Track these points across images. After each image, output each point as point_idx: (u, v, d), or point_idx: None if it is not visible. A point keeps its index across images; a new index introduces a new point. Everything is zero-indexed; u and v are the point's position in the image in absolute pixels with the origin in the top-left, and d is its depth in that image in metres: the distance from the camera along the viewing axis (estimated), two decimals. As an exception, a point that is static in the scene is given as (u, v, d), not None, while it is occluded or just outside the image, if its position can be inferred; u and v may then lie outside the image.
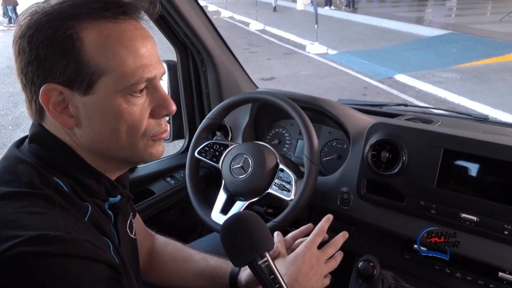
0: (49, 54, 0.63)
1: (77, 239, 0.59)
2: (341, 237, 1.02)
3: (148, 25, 0.73)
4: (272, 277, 0.71)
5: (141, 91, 0.69)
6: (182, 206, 1.61)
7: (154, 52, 0.71)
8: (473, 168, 1.06)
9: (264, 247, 0.73)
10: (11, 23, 12.89)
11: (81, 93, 0.65)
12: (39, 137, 0.70)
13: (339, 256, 1.01)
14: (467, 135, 1.08)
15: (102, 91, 0.66)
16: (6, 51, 9.36)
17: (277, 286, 0.71)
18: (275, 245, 0.98)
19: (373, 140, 1.18)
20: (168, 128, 0.78)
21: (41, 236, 0.56)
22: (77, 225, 0.63)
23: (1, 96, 6.41)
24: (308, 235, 1.02)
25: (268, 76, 7.24)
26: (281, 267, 0.91)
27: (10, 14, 12.88)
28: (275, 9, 16.97)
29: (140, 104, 0.69)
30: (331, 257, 0.99)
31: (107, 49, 0.65)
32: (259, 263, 0.71)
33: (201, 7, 1.48)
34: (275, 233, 1.01)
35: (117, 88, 0.66)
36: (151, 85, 0.71)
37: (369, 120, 1.29)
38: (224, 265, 1.07)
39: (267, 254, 0.72)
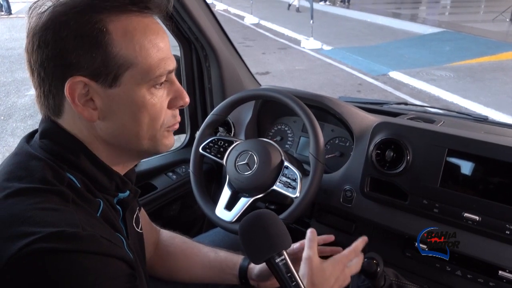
0: (76, 47, 0.63)
1: (93, 235, 0.59)
2: (361, 257, 1.02)
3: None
4: (289, 274, 0.72)
5: (162, 83, 0.71)
6: (183, 201, 1.61)
7: (169, 46, 0.73)
8: (476, 169, 1.07)
9: (281, 245, 0.74)
10: (2, 11, 12.69)
11: (107, 86, 0.66)
12: (51, 132, 0.70)
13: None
14: (471, 136, 1.10)
15: (128, 83, 0.67)
16: (-3, 40, 9.25)
17: (293, 284, 0.72)
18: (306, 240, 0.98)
19: (378, 139, 1.19)
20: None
21: (59, 233, 0.56)
22: (91, 221, 0.63)
23: (-7, 86, 6.34)
24: None
25: (263, 71, 7.23)
26: (315, 276, 0.90)
27: (1, 2, 12.68)
28: (297, 9, 14.80)
29: (160, 96, 0.71)
30: None
31: (134, 42, 0.66)
32: (277, 261, 0.73)
33: (206, 2, 1.47)
34: (308, 230, 0.99)
35: (143, 80, 0.68)
36: (169, 78, 0.73)
37: (372, 119, 1.31)
38: (234, 257, 1.09)
39: (284, 252, 0.74)
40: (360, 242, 1.02)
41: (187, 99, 0.76)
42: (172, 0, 0.76)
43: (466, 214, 1.06)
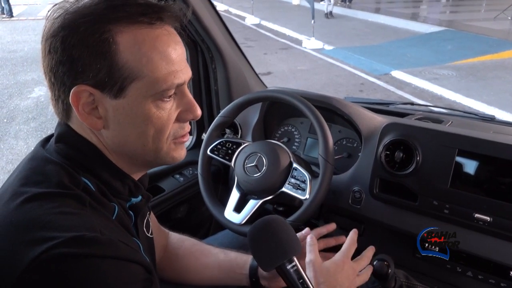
0: (83, 56, 0.63)
1: (112, 240, 0.60)
2: (370, 250, 1.06)
3: None
4: (301, 281, 0.72)
5: (170, 96, 0.70)
6: (191, 203, 1.61)
7: (184, 57, 0.72)
8: (486, 169, 1.07)
9: (292, 251, 0.74)
10: (3, 13, 12.71)
11: (112, 96, 0.66)
12: (66, 137, 0.70)
13: (369, 270, 1.02)
14: (481, 136, 1.09)
15: (133, 95, 0.66)
16: (-1, 43, 9.26)
17: None
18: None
19: (387, 140, 1.19)
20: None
21: (78, 238, 0.56)
22: (109, 225, 0.64)
23: (-5, 88, 6.34)
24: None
25: (265, 71, 7.22)
26: (319, 275, 0.92)
27: (3, 5, 12.70)
28: (329, 15, 13.02)
29: (168, 109, 0.70)
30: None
31: (142, 54, 0.65)
32: (288, 267, 0.73)
33: (212, 4, 1.47)
34: (308, 236, 1.02)
35: (149, 93, 0.67)
36: (179, 90, 0.72)
37: (381, 120, 1.30)
38: (244, 256, 1.09)
39: (295, 259, 0.73)
40: (370, 250, 1.06)
41: (198, 112, 0.74)
42: (188, 12, 0.75)
43: (477, 215, 1.06)
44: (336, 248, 1.06)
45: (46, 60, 0.66)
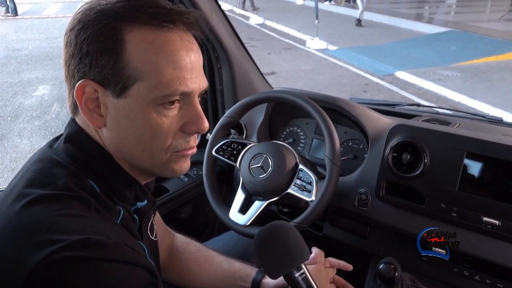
0: (91, 51, 0.63)
1: (118, 243, 0.59)
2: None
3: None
4: None
5: (173, 102, 0.67)
6: (195, 204, 1.61)
7: (197, 66, 0.69)
8: (495, 172, 1.06)
9: (300, 258, 0.72)
10: (8, 12, 12.73)
11: (114, 95, 0.65)
12: (75, 137, 0.70)
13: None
14: (489, 139, 1.08)
15: (135, 96, 0.65)
16: (4, 41, 9.25)
17: None
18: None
19: (394, 141, 1.17)
20: (197, 144, 0.75)
21: (84, 241, 0.55)
22: (114, 228, 0.63)
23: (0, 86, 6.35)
24: None
25: (268, 71, 7.20)
26: None
27: (8, 3, 12.71)
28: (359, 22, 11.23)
29: (171, 116, 0.68)
30: None
31: (147, 55, 0.64)
32: (296, 275, 0.71)
33: (218, 4, 1.46)
34: (317, 251, 1.05)
35: (150, 96, 0.65)
36: (187, 99, 0.69)
37: (388, 121, 1.29)
38: (248, 268, 1.08)
39: (303, 266, 0.72)
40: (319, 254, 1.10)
41: (205, 126, 0.71)
42: (207, 20, 0.73)
43: (485, 219, 1.05)
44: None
45: (63, 53, 0.67)
